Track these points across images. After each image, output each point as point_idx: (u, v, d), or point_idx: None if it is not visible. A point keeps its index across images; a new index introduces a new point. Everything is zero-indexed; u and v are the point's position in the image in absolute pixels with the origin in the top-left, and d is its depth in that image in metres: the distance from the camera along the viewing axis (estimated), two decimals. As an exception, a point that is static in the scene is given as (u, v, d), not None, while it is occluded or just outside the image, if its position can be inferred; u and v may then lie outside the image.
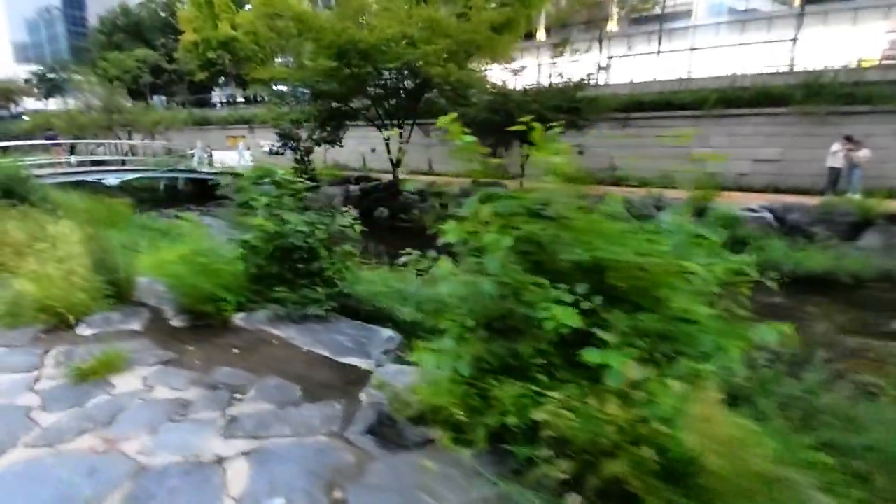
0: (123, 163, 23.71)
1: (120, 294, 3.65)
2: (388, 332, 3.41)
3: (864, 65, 14.82)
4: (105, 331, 3.16)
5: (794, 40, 20.56)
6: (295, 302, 3.56)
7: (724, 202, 10.70)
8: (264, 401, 2.39)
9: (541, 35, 30.73)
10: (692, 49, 23.07)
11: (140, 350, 2.91)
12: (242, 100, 39.93)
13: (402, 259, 3.33)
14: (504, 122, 11.96)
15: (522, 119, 2.16)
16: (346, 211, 4.19)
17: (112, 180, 19.02)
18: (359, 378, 2.77)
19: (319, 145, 18.34)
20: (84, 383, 2.46)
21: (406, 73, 13.85)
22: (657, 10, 31.49)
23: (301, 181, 3.95)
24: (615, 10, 27.67)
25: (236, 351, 3.05)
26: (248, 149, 25.81)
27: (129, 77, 34.08)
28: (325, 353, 3.10)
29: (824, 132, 12.09)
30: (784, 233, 9.68)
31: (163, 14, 44.82)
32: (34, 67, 54.97)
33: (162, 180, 24.67)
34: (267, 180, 4.12)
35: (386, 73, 14.04)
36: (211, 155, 25.32)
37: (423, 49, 11.47)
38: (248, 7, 36.67)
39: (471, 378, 2.04)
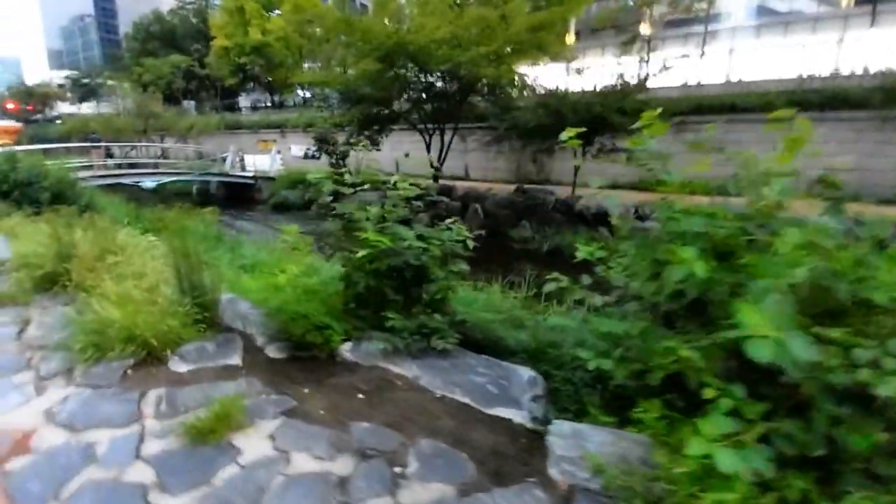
0: (156, 166, 23.78)
1: (207, 318, 3.15)
2: (527, 372, 2.83)
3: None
4: (203, 366, 2.64)
5: (841, 41, 19.55)
6: (412, 332, 3.02)
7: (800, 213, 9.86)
8: (436, 479, 1.83)
9: (569, 39, 30.10)
10: (731, 51, 22.19)
11: (251, 394, 2.38)
12: (269, 104, 40.17)
13: (548, 287, 2.78)
14: (558, 126, 11.32)
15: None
16: (454, 222, 3.63)
17: (149, 183, 18.97)
18: (529, 440, 2.19)
19: (355, 149, 18.01)
20: (202, 445, 1.93)
21: (449, 76, 13.37)
22: (694, 13, 30.61)
23: (412, 188, 3.40)
24: (662, 10, 26.87)
25: (361, 396, 2.51)
26: (279, 153, 25.75)
27: (164, 82, 34.51)
28: (466, 401, 2.53)
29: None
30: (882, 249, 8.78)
31: (194, 20, 45.54)
32: (68, 73, 56.48)
33: (195, 184, 24.71)
34: (366, 186, 3.59)
35: (428, 77, 13.60)
36: (242, 159, 25.27)
37: (475, 50, 10.97)
38: (276, 13, 36.97)
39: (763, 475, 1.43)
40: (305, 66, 32.81)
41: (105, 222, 4.60)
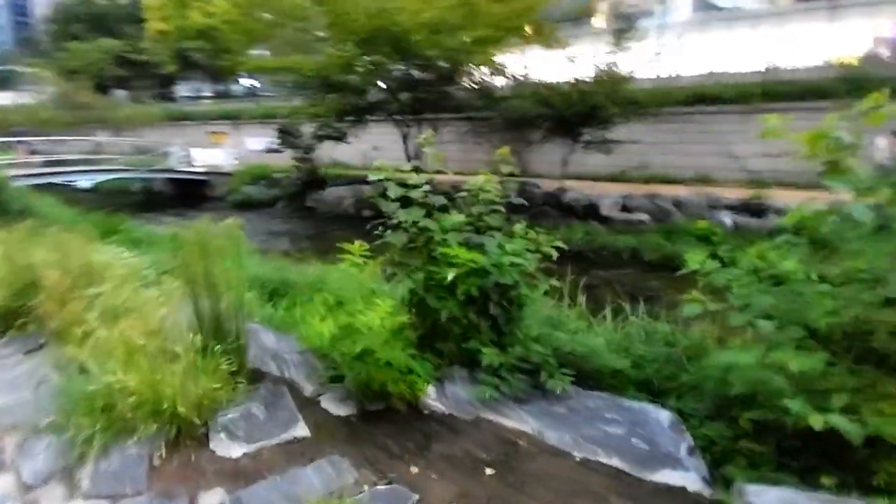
0: (90, 162, 21.29)
1: (241, 366, 2.40)
2: (663, 413, 2.31)
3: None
4: (263, 445, 1.92)
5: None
6: (510, 368, 2.43)
7: (790, 201, 10.06)
8: None
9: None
10: (681, 45, 22.94)
11: (349, 487, 1.71)
12: (214, 94, 37.37)
13: (688, 309, 2.26)
14: (548, 116, 10.97)
15: None
16: (526, 225, 3.03)
17: (84, 182, 16.88)
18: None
19: (321, 142, 16.92)
20: None
21: (430, 63, 12.62)
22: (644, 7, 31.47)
23: (497, 190, 2.79)
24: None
25: (489, 470, 1.89)
26: (234, 147, 23.93)
27: (94, 69, 31.22)
28: (617, 464, 1.98)
29: (873, 128, 11.67)
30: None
31: (123, 2, 41.55)
32: (-24, 59, 50.27)
33: (136, 182, 22.45)
34: (426, 187, 2.89)
35: (408, 64, 12.80)
36: (188, 154, 23.18)
37: (462, 34, 10.32)
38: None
39: None
40: (255, 52, 30.72)
41: (69, 237, 3.63)
